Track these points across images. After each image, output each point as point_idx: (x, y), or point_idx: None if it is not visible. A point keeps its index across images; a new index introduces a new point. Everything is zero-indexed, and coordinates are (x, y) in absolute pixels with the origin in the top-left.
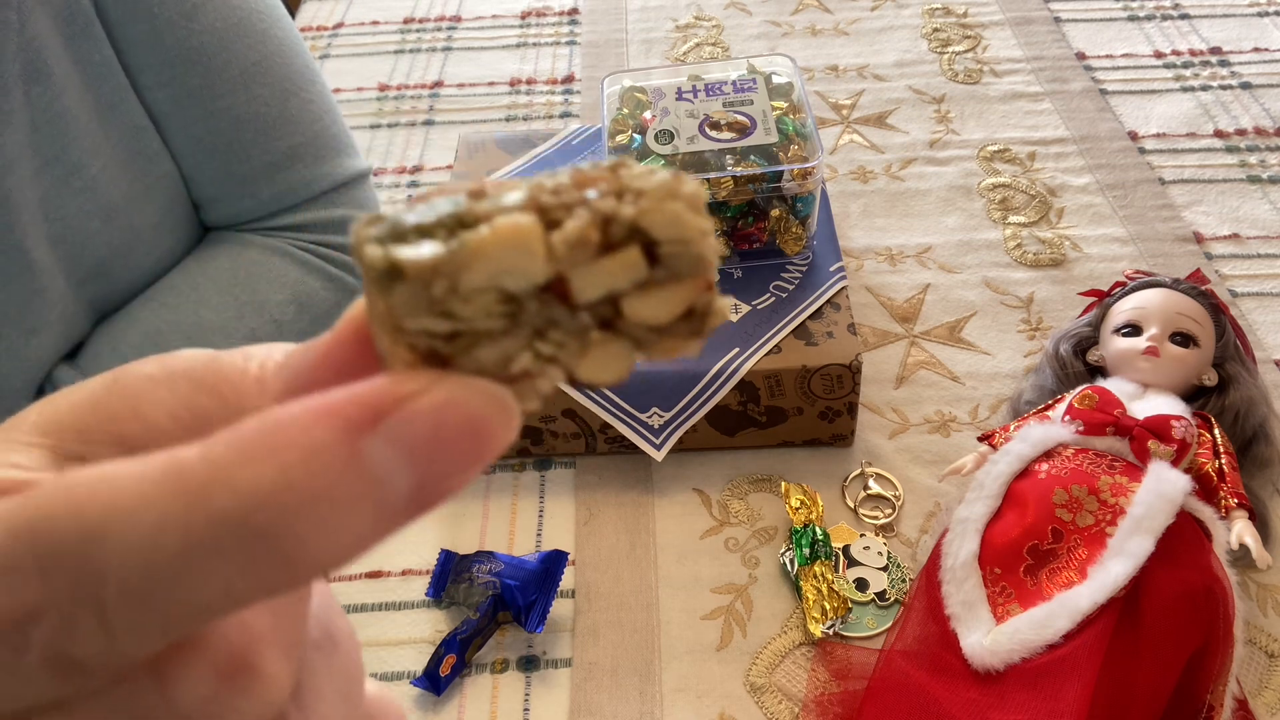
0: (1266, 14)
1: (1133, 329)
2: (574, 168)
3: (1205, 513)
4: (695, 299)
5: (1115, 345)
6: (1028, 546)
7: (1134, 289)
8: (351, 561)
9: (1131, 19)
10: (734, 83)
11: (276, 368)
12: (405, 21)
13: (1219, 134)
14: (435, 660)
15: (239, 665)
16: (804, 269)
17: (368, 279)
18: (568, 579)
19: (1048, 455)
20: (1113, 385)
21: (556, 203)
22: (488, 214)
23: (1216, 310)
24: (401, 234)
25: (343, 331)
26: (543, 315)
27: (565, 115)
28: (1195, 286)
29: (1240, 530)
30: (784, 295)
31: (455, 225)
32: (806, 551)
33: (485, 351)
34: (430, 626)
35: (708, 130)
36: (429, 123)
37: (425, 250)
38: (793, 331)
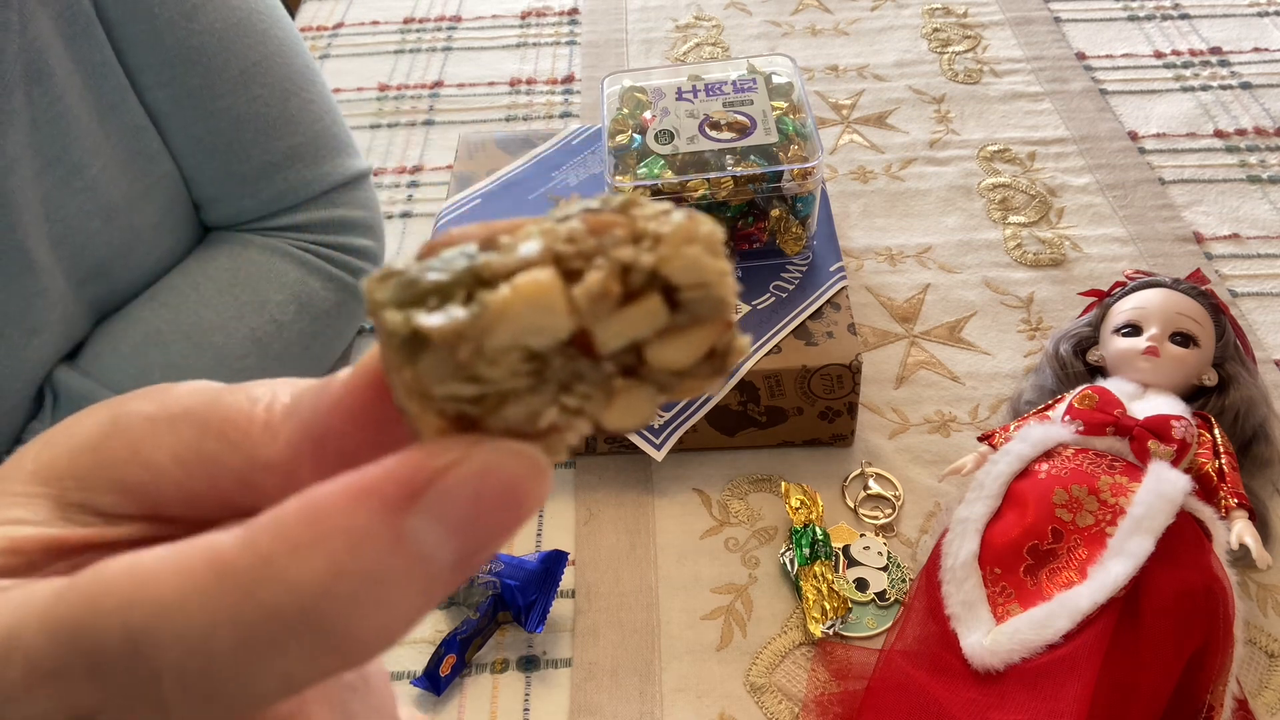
0: (1266, 14)
1: (1133, 329)
2: (585, 209)
3: (1205, 513)
4: (716, 339)
5: (1115, 345)
6: (1028, 546)
7: (1134, 289)
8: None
9: (1131, 19)
10: (734, 83)
11: (285, 412)
12: (405, 21)
13: (1219, 134)
14: (435, 660)
15: None
16: (804, 269)
17: (389, 345)
18: (568, 579)
19: (1048, 455)
20: (1113, 385)
21: (573, 252)
22: (505, 269)
23: (1216, 310)
24: (418, 295)
25: (357, 380)
26: (567, 369)
27: (565, 115)
28: (1195, 286)
29: (1240, 530)
30: (784, 295)
31: (472, 282)
32: (806, 551)
33: (513, 410)
34: (430, 626)
35: (708, 130)
36: (429, 123)
37: (448, 316)
38: (793, 331)
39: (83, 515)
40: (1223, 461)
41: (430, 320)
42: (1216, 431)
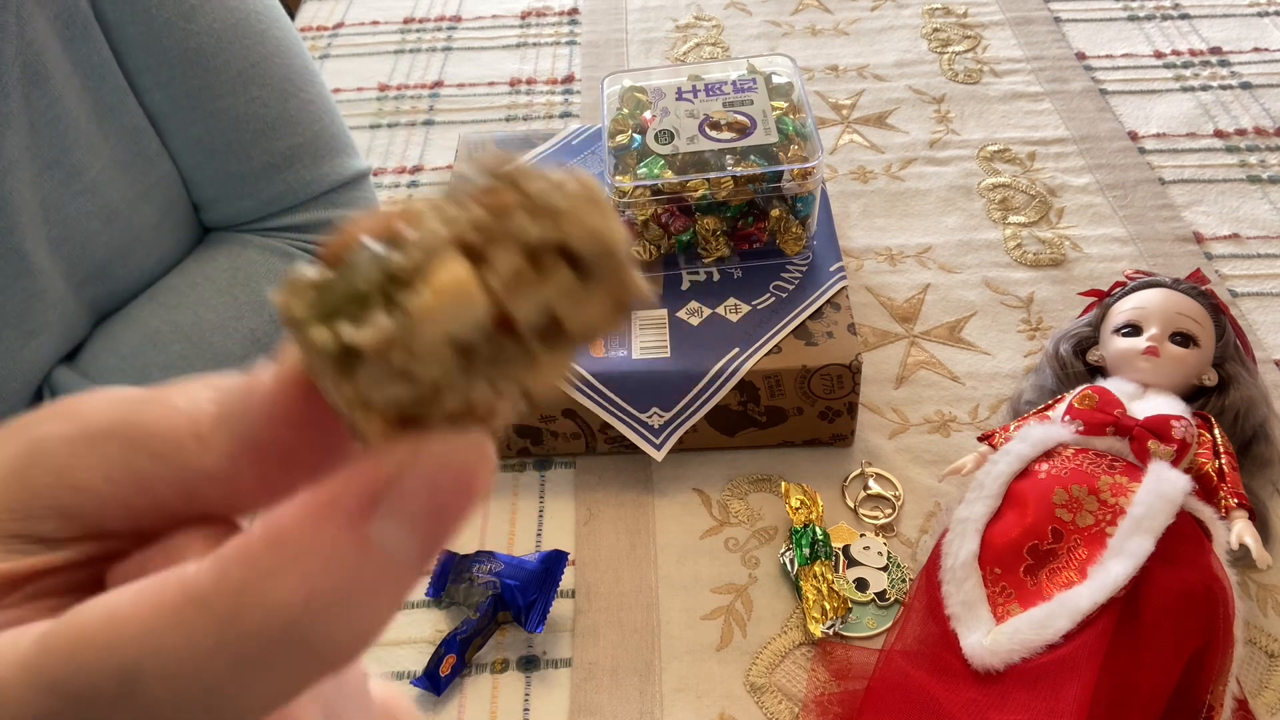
0: (1266, 14)
1: (1133, 329)
2: (475, 188)
3: (1205, 513)
4: (619, 290)
5: (1115, 345)
6: (1028, 546)
7: (1134, 289)
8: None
9: (1131, 19)
10: (734, 83)
11: (213, 421)
12: (405, 21)
13: (1219, 134)
14: (435, 660)
15: None
16: (804, 269)
17: (319, 361)
18: (568, 579)
19: (1048, 455)
20: (1113, 385)
21: (480, 239)
22: (417, 266)
23: (1216, 310)
24: (336, 307)
25: (285, 385)
26: (492, 349)
27: (565, 115)
28: (1195, 286)
29: (1240, 530)
30: (784, 295)
31: (388, 284)
32: (806, 551)
33: (450, 399)
34: (430, 626)
35: (708, 130)
36: (429, 123)
37: (376, 327)
38: (793, 331)
39: (24, 545)
40: (1223, 461)
41: (360, 335)
42: (1216, 431)
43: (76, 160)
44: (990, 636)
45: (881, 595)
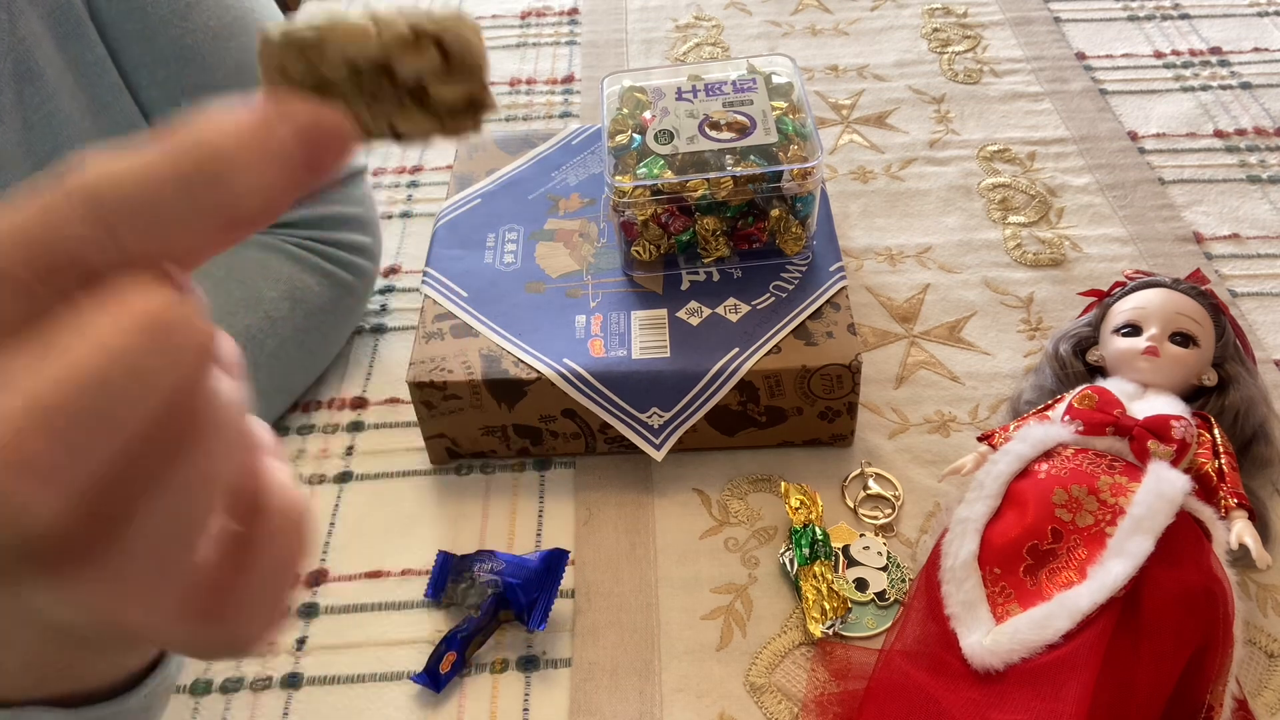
0: (1266, 14)
1: (1132, 329)
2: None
3: (1205, 513)
4: (475, 92)
5: (1115, 345)
6: (1027, 546)
7: (1134, 289)
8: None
9: (1131, 19)
10: (734, 83)
11: (126, 222)
12: None
13: (1219, 134)
14: (435, 657)
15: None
16: (804, 269)
17: (269, 51)
18: (567, 579)
19: (1047, 455)
20: (1112, 385)
21: (386, 19)
22: (336, 23)
23: (1216, 310)
24: (296, 28)
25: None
26: (375, 83)
27: (565, 115)
28: (1195, 286)
29: (1240, 530)
30: (784, 295)
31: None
32: (806, 551)
33: (337, 101)
34: (430, 626)
35: (708, 130)
36: None
37: (303, 29)
38: (793, 331)
39: None
40: (1222, 461)
41: (293, 31)
42: (1216, 431)
43: (70, 158)
44: (990, 636)
45: (881, 595)
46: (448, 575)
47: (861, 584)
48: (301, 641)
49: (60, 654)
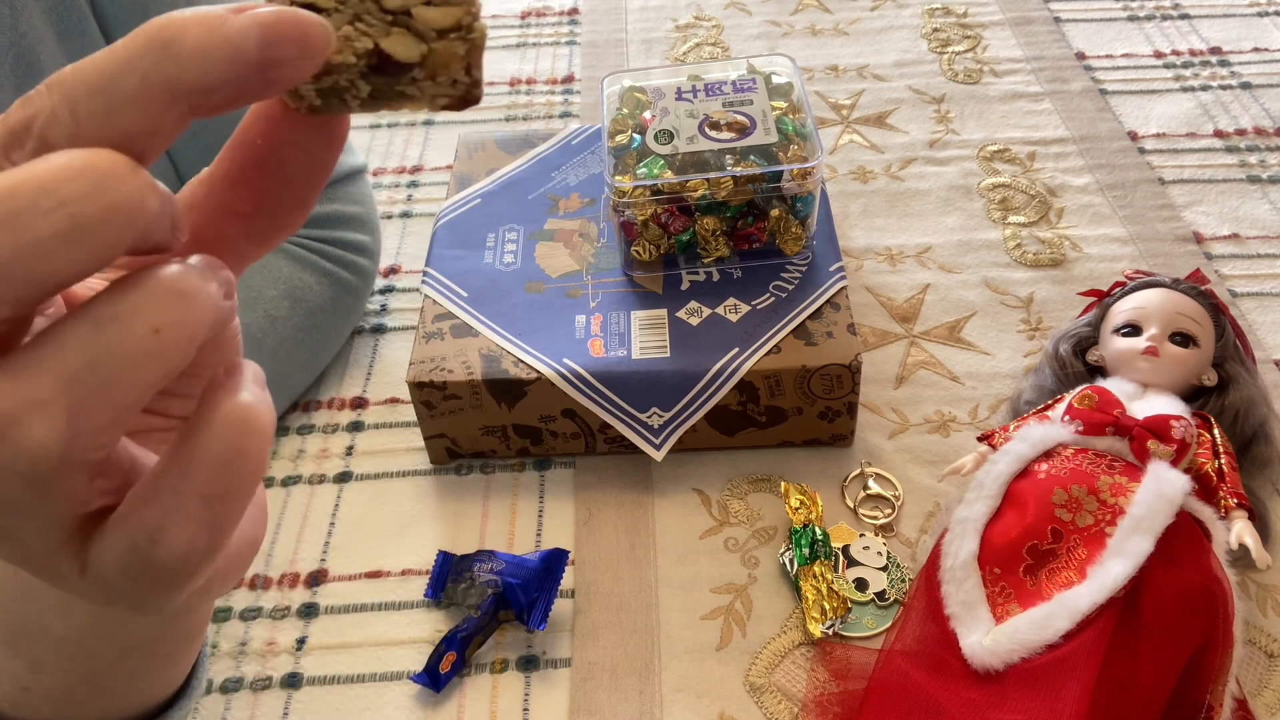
0: (1266, 14)
1: (1132, 329)
2: None
3: (1205, 513)
4: (463, 18)
5: (1115, 345)
6: (1027, 546)
7: (1134, 289)
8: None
9: (1131, 19)
10: (734, 83)
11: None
12: None
13: (1219, 134)
14: (435, 657)
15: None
16: (804, 269)
17: None
18: (567, 579)
19: (1047, 455)
20: (1112, 385)
21: None
22: None
23: (1216, 310)
24: None
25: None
26: (361, 7)
27: (565, 115)
28: (1195, 286)
29: (1240, 530)
30: (784, 295)
31: None
32: (806, 551)
33: (325, 17)
34: (430, 626)
35: (707, 130)
36: (429, 123)
37: None
38: (792, 331)
39: None
40: (1222, 461)
41: None
42: (1216, 431)
43: None
44: (990, 636)
45: (881, 595)
46: (448, 575)
47: (861, 584)
48: (301, 641)
49: (100, 654)
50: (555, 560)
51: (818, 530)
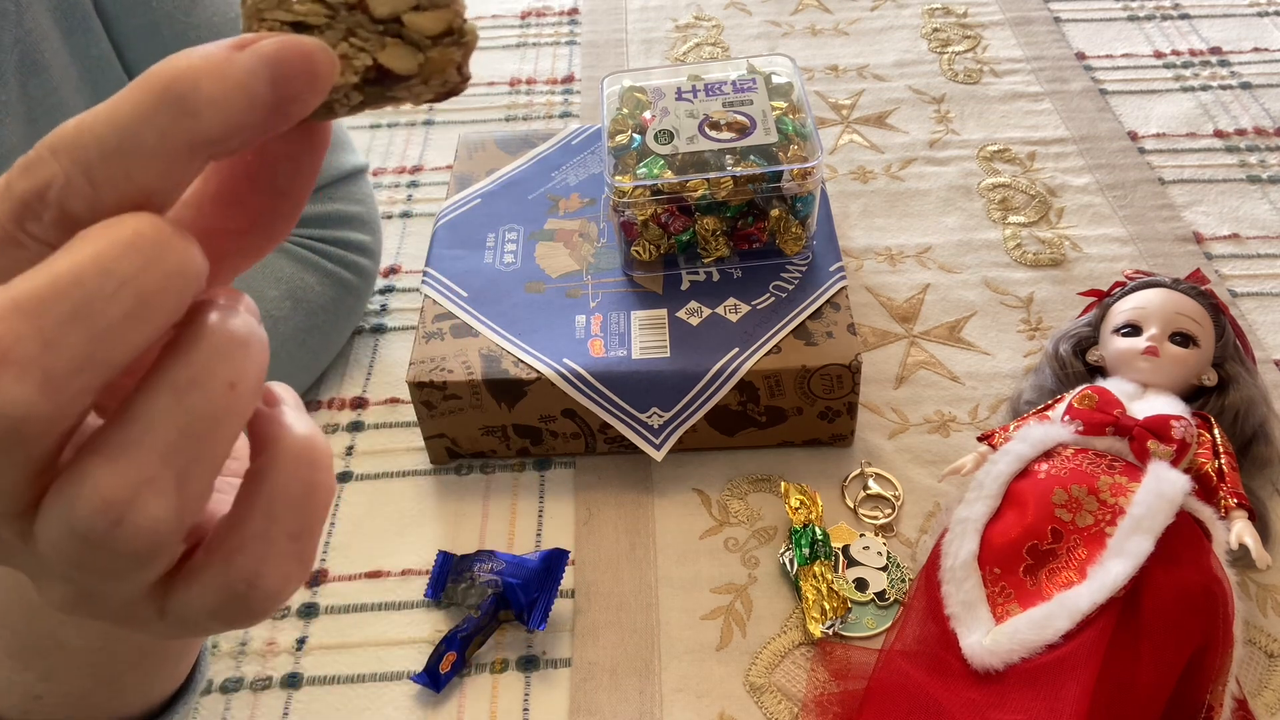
0: (1266, 14)
1: (1132, 329)
2: None
3: (1205, 513)
4: (454, 21)
5: (1115, 345)
6: (1027, 546)
7: (1134, 289)
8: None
9: (1131, 19)
10: (734, 83)
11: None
12: None
13: (1219, 134)
14: (435, 657)
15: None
16: (804, 269)
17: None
18: (567, 579)
19: (1047, 455)
20: (1112, 385)
21: None
22: None
23: (1216, 310)
24: None
25: None
26: (352, 20)
27: (565, 115)
28: (1195, 286)
29: (1240, 530)
30: (784, 295)
31: None
32: (806, 551)
33: (318, 35)
34: (430, 626)
35: (707, 130)
36: (429, 123)
37: None
38: (792, 331)
39: None
40: (1222, 461)
41: None
42: (1216, 431)
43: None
44: (990, 636)
45: (881, 595)
46: (448, 575)
47: (861, 584)
48: (301, 641)
49: (118, 658)
50: (555, 560)
51: (818, 530)
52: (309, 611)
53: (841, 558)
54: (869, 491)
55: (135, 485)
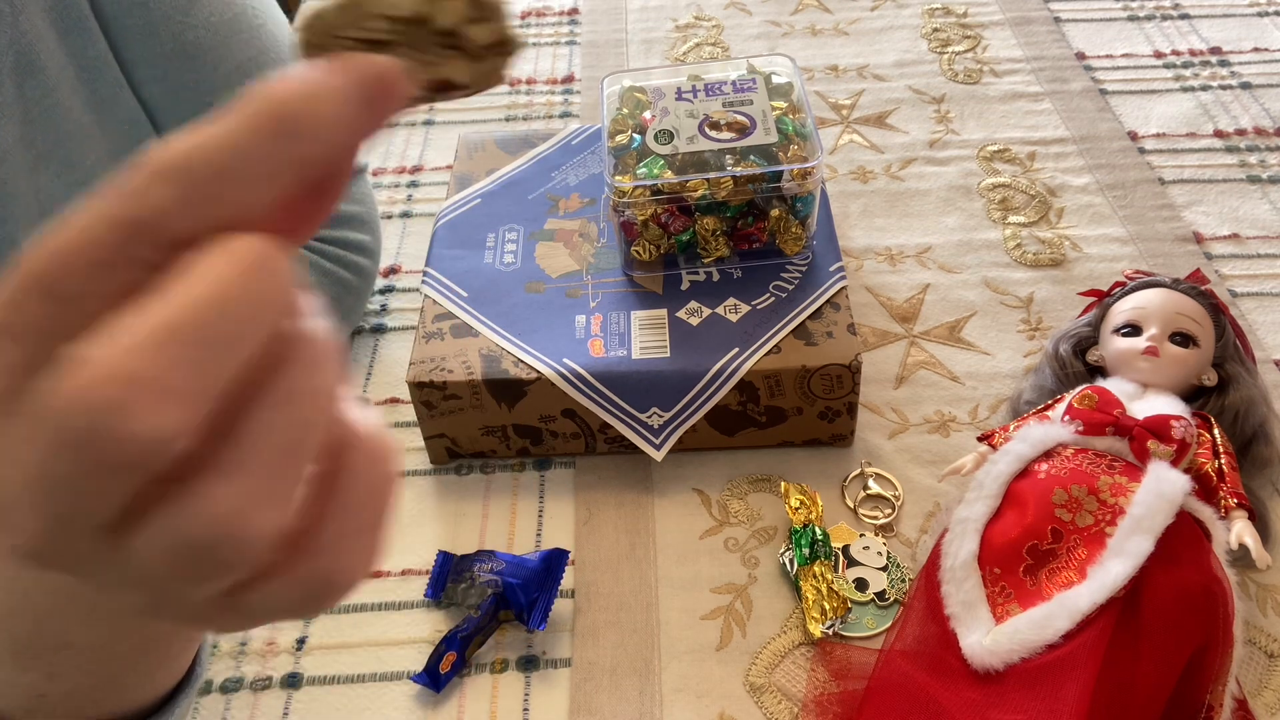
0: (1266, 14)
1: (1132, 329)
2: None
3: (1205, 513)
4: (505, 32)
5: (1115, 345)
6: (1027, 546)
7: (1134, 289)
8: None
9: (1131, 19)
10: (734, 83)
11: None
12: None
13: (1219, 134)
14: (435, 657)
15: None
16: (804, 269)
17: (317, 24)
18: (567, 579)
19: (1047, 455)
20: (1112, 385)
21: None
22: None
23: (1216, 310)
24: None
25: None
26: (417, 35)
27: (565, 115)
28: (1195, 286)
29: (1240, 530)
30: (784, 295)
31: None
32: (806, 551)
33: (388, 53)
34: (430, 626)
35: (707, 130)
36: (429, 123)
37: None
38: (792, 331)
39: None
40: (1222, 461)
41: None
42: (1216, 431)
43: (71, 152)
44: (990, 636)
45: (881, 595)
46: (448, 575)
47: (861, 584)
48: (301, 641)
49: (122, 656)
50: (555, 560)
51: (818, 530)
52: None
53: (841, 558)
54: (869, 491)
55: (247, 499)
